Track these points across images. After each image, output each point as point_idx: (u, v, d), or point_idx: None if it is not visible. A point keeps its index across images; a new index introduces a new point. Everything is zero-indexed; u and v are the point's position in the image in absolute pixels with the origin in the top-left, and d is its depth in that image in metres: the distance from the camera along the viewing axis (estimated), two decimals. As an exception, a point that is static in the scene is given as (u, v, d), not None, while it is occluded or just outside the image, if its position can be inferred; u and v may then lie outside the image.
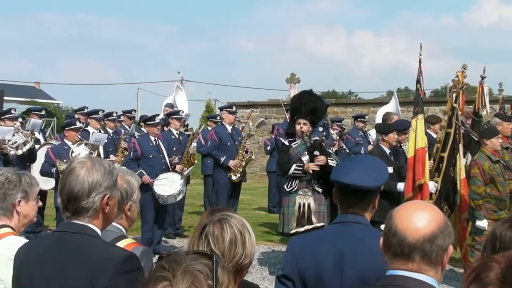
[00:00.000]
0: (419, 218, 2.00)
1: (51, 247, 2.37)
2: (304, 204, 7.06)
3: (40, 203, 3.23)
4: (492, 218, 7.03)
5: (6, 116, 9.48)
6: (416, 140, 6.96)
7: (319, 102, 7.56)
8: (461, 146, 7.36)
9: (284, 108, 11.82)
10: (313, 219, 6.95)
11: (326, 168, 6.98)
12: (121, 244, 2.75)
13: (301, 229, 6.83)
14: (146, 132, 9.24)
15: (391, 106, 12.03)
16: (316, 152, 7.12)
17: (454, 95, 7.47)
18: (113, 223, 2.75)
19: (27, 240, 2.78)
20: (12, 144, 8.43)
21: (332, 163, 7.07)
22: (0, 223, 3.06)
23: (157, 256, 1.70)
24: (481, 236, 6.99)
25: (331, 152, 7.54)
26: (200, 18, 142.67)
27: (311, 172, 7.14)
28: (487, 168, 7.14)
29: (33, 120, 10.14)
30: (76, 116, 10.90)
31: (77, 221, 2.37)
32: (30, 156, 8.75)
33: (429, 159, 7.30)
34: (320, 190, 7.17)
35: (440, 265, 2.02)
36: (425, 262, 1.99)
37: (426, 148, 6.99)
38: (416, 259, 1.99)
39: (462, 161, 7.29)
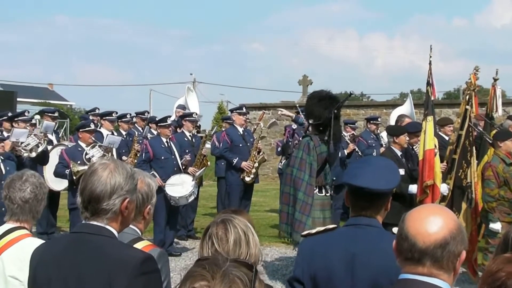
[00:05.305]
0: (431, 223, 1.95)
1: (68, 248, 2.38)
2: None
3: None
4: (506, 221, 7.00)
5: (19, 118, 9.55)
6: (425, 141, 6.91)
7: (312, 105, 7.29)
8: (474, 149, 7.32)
9: (296, 110, 11.75)
10: None
11: None
12: (138, 246, 2.76)
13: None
14: (157, 133, 9.27)
15: (406, 108, 11.91)
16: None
17: (467, 97, 7.45)
18: (130, 225, 2.76)
19: (43, 241, 2.82)
20: (25, 146, 8.48)
21: None
22: (18, 225, 3.15)
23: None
24: (494, 239, 6.95)
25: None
26: (212, 23, 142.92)
27: None
28: (501, 171, 7.11)
29: (46, 122, 10.20)
30: (90, 117, 10.94)
31: (95, 222, 2.38)
32: (43, 158, 8.80)
33: (442, 161, 7.26)
34: None
35: (452, 270, 1.98)
36: (436, 267, 1.95)
37: (436, 150, 6.93)
38: (427, 264, 1.95)
39: (476, 164, 7.25)
